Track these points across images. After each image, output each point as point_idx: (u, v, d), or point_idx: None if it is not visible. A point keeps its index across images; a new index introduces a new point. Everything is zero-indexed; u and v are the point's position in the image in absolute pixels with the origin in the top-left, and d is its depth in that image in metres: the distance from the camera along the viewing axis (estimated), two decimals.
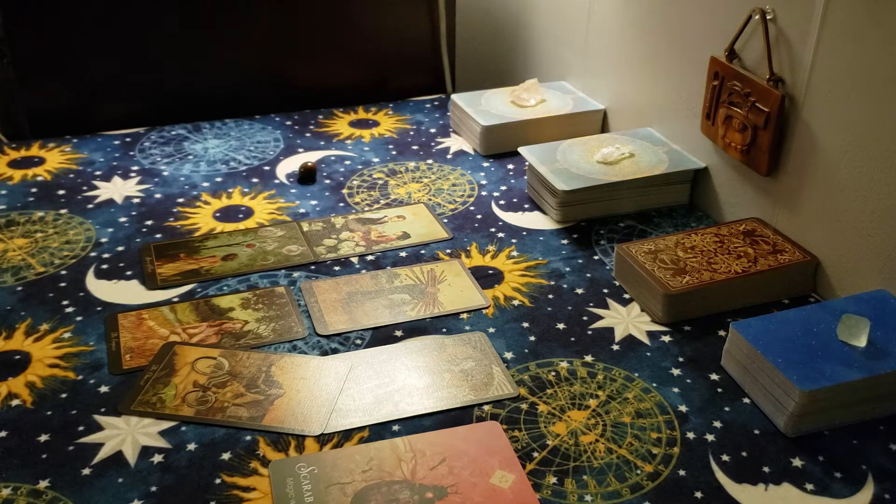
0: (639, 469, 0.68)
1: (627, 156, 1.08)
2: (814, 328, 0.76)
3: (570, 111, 1.23)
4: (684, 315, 0.86)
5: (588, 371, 0.79)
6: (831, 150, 0.86)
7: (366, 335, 0.84)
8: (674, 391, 0.77)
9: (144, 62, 1.30)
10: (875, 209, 0.82)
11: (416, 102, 1.40)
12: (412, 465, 0.68)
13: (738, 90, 0.94)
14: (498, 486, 0.66)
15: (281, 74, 1.38)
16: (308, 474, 0.67)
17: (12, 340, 0.82)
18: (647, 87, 1.14)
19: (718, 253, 0.90)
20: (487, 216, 1.06)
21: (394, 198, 1.10)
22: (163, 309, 0.87)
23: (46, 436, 0.71)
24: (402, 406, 0.74)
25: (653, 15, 1.10)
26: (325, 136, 1.28)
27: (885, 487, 0.67)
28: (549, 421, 0.73)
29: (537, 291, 0.91)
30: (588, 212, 1.04)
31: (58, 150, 1.21)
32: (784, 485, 0.67)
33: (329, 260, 0.96)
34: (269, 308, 0.87)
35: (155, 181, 1.13)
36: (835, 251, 0.88)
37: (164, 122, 1.31)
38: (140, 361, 0.79)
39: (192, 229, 1.02)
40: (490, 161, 1.20)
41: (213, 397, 0.75)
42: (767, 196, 0.96)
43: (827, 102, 0.86)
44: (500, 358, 0.81)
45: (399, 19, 1.42)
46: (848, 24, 0.81)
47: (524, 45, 1.46)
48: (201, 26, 1.30)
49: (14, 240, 0.99)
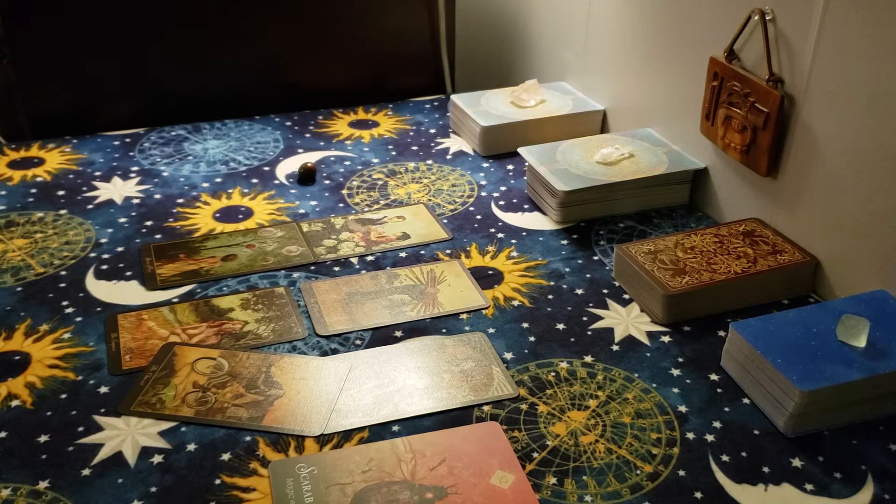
0: (638, 469, 0.68)
1: (627, 156, 1.08)
2: (813, 328, 0.76)
3: (569, 112, 1.23)
4: (684, 315, 0.86)
5: (588, 371, 0.79)
6: (831, 150, 0.86)
7: (366, 336, 0.84)
8: (673, 391, 0.77)
9: (144, 63, 1.30)
10: (875, 209, 0.82)
11: (415, 103, 1.40)
12: (412, 465, 0.68)
13: (738, 90, 0.94)
14: (498, 487, 0.66)
15: (281, 75, 1.38)
16: (308, 475, 0.67)
17: (12, 341, 0.82)
18: (647, 88, 1.14)
19: (718, 253, 0.90)
20: (487, 217, 1.06)
21: (393, 198, 1.10)
22: (162, 309, 0.87)
23: (46, 436, 0.71)
24: (401, 406, 0.74)
25: (652, 15, 1.10)
26: (324, 136, 1.28)
27: (884, 487, 0.67)
28: (549, 421, 0.73)
29: (537, 292, 0.91)
30: (588, 212, 1.04)
31: (57, 150, 1.21)
32: (784, 485, 0.67)
33: (329, 260, 0.96)
34: (269, 308, 0.87)
35: (155, 182, 1.13)
36: (834, 251, 0.88)
37: (163, 122, 1.31)
38: (140, 362, 0.79)
39: (191, 230, 1.02)
40: (490, 161, 1.20)
41: (212, 398, 0.75)
42: (767, 196, 0.96)
43: (826, 103, 0.86)
44: (500, 358, 0.81)
45: (399, 19, 1.42)
46: (848, 24, 0.81)
47: (524, 45, 1.46)
48: (201, 26, 1.30)
49: (14, 240, 0.99)
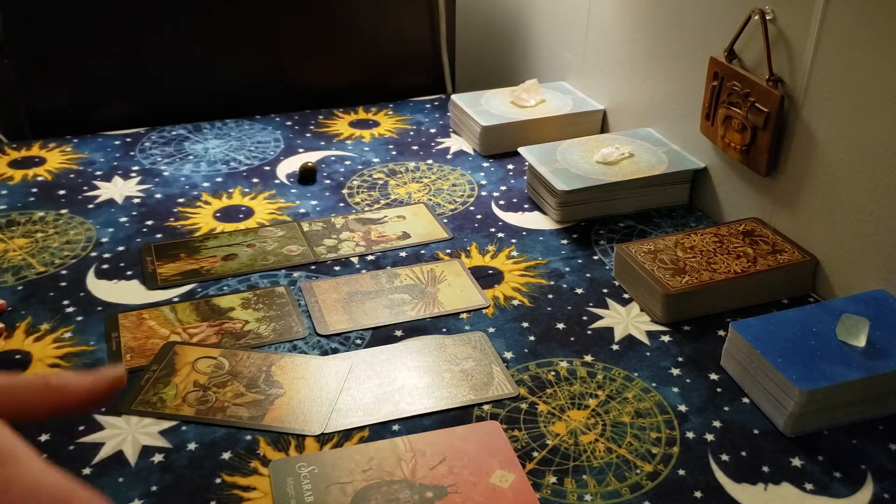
0: (638, 469, 0.68)
1: (627, 156, 1.08)
2: (813, 328, 0.76)
3: (569, 111, 1.23)
4: (684, 315, 0.86)
5: (588, 371, 0.79)
6: (831, 150, 0.86)
7: (366, 335, 0.84)
8: (673, 391, 0.77)
9: (145, 62, 1.30)
10: (875, 209, 0.83)
11: (416, 103, 1.40)
12: (412, 464, 0.68)
13: (738, 90, 0.94)
14: (498, 486, 0.66)
15: (281, 74, 1.39)
16: (308, 474, 0.67)
17: (13, 340, 0.83)
18: (647, 88, 1.14)
19: (718, 253, 0.90)
20: (487, 216, 1.06)
21: (394, 198, 1.10)
22: (163, 309, 0.87)
23: (47, 436, 0.71)
24: (402, 406, 0.75)
25: (652, 15, 1.10)
26: (325, 136, 1.28)
27: (884, 487, 0.67)
28: (549, 421, 0.73)
29: (537, 291, 0.91)
30: (588, 212, 1.04)
31: (58, 150, 1.21)
32: (783, 484, 0.67)
33: (329, 260, 0.96)
34: (270, 308, 0.88)
35: (155, 181, 1.13)
36: (834, 251, 0.88)
37: (164, 122, 1.31)
38: (140, 361, 0.79)
39: (192, 229, 1.02)
40: (490, 161, 1.20)
41: (213, 397, 0.75)
42: (767, 196, 0.96)
43: (826, 102, 0.86)
44: (500, 358, 0.81)
45: (399, 19, 1.42)
46: (847, 24, 0.82)
47: (524, 45, 1.46)
48: (201, 26, 1.31)
49: (14, 240, 0.99)
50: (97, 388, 0.44)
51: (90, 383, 0.44)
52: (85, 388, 0.44)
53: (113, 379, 0.44)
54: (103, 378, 0.44)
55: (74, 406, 0.44)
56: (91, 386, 0.44)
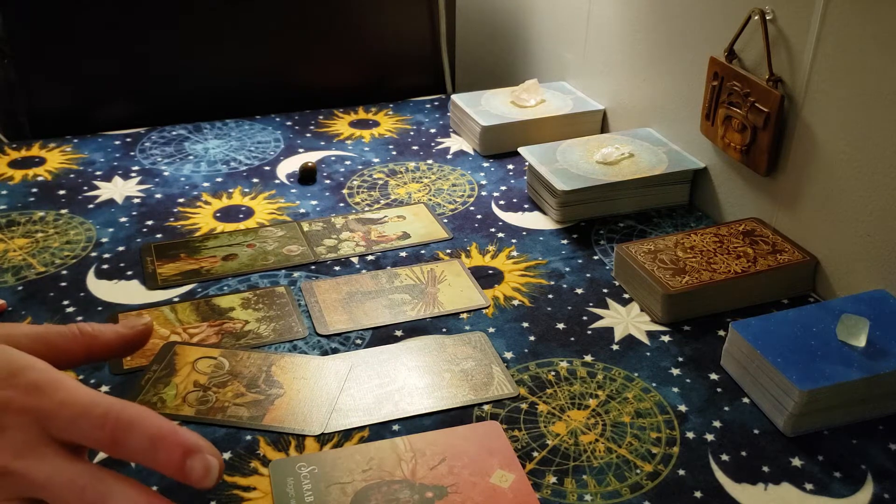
0: (638, 469, 0.69)
1: (627, 156, 1.08)
2: (813, 328, 0.76)
3: (569, 111, 1.23)
4: (684, 315, 0.86)
5: (588, 371, 0.79)
6: (831, 150, 0.86)
7: (366, 335, 0.84)
8: (673, 391, 0.77)
9: (144, 62, 1.30)
10: (875, 209, 0.83)
11: (416, 103, 1.40)
12: (412, 464, 0.68)
13: (738, 90, 0.94)
14: (498, 486, 0.66)
15: (281, 74, 1.39)
16: (308, 474, 0.67)
17: None
18: (647, 87, 1.14)
19: (718, 253, 0.90)
20: (487, 216, 1.06)
21: (394, 198, 1.10)
22: (163, 309, 0.87)
23: None
24: (402, 406, 0.75)
25: (652, 15, 1.10)
26: (325, 136, 1.28)
27: (884, 487, 0.67)
28: (549, 421, 0.73)
29: (537, 291, 0.91)
30: (588, 212, 1.04)
31: (58, 150, 1.21)
32: (783, 484, 0.67)
33: (329, 260, 0.96)
34: (270, 308, 0.88)
35: (155, 181, 1.13)
36: (834, 251, 0.88)
37: (164, 122, 1.31)
38: (140, 361, 0.80)
39: (192, 229, 1.02)
40: (490, 161, 1.20)
41: (213, 397, 0.75)
42: (767, 196, 0.96)
43: (826, 102, 0.86)
44: (500, 358, 0.81)
45: (399, 19, 1.42)
46: (847, 24, 0.82)
47: (524, 45, 1.46)
48: (201, 26, 1.31)
49: (15, 240, 0.99)
50: (128, 334, 0.49)
51: (121, 328, 0.49)
52: (117, 332, 0.48)
53: (142, 326, 0.50)
54: (133, 325, 0.49)
55: (106, 351, 0.48)
56: (123, 331, 0.49)
